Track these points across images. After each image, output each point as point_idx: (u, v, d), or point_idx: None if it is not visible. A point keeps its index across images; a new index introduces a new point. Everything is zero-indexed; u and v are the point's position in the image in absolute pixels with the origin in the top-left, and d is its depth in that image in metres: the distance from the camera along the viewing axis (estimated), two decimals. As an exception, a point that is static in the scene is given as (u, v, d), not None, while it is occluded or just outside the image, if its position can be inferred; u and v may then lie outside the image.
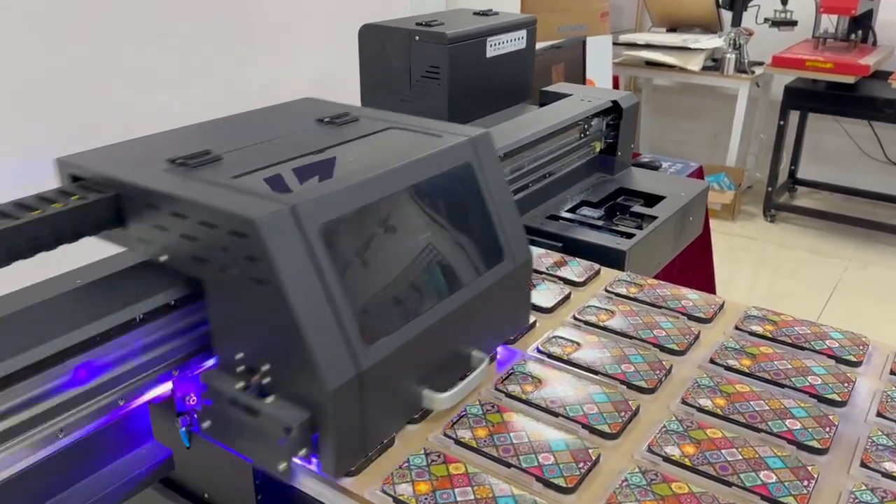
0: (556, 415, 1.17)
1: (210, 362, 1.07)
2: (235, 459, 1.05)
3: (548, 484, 1.01)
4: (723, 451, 1.06)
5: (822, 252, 4.70)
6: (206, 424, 1.04)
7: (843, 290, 4.23)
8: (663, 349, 1.33)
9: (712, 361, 1.31)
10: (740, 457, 1.05)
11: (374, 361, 0.98)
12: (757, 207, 5.22)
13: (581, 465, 1.04)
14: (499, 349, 1.30)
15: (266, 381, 0.98)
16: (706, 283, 2.73)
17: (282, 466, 0.97)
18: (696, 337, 1.34)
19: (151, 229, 1.03)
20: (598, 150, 2.09)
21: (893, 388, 1.21)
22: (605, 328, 1.42)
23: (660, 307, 1.49)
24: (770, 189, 5.02)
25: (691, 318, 1.41)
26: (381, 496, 1.01)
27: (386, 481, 1.02)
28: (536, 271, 1.64)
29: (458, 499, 0.99)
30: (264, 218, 0.90)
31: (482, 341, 1.21)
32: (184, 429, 1.06)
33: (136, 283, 1.04)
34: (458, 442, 1.10)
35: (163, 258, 1.04)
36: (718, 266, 2.88)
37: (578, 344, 1.36)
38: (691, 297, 1.52)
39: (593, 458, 1.05)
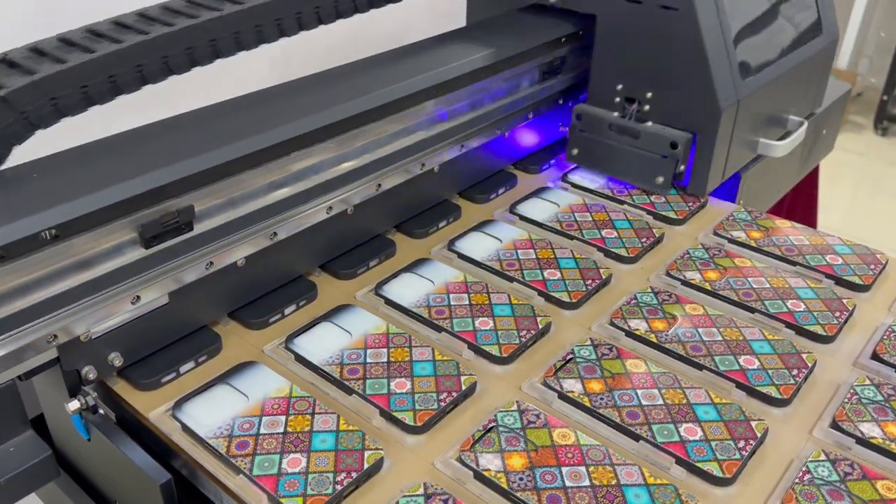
0: (636, 439, 0.77)
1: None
2: (139, 472, 0.76)
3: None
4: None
5: (939, 175, 4.08)
6: (574, 151, 1.26)
7: (961, 220, 3.63)
8: (801, 331, 0.92)
9: (876, 358, 0.87)
10: None
11: (747, 93, 1.14)
12: (867, 118, 4.60)
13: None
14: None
15: (645, 108, 1.18)
16: (807, 208, 2.22)
17: (661, 180, 1.17)
18: (850, 314, 0.95)
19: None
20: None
21: None
22: (713, 293, 0.97)
23: (795, 264, 1.04)
24: (885, 97, 4.35)
25: (841, 282, 1.00)
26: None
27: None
28: (616, 200, 1.19)
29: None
30: None
31: (796, 107, 1.36)
32: (79, 415, 0.78)
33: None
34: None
35: None
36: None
37: (673, 317, 0.93)
38: (840, 250, 1.06)
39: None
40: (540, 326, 0.91)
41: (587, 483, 0.71)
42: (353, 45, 1.26)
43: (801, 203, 2.03)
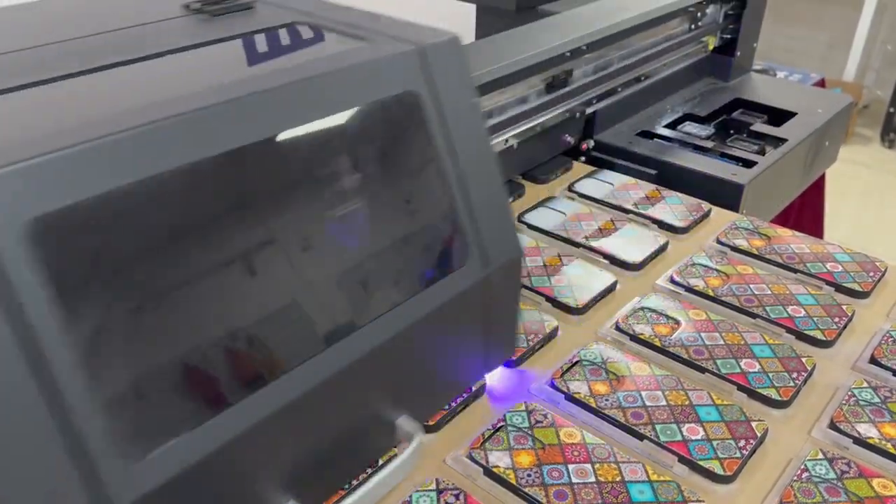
0: (640, 438, 0.80)
1: None
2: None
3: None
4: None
5: (947, 187, 4.09)
6: None
7: (970, 235, 3.64)
8: (801, 336, 0.94)
9: (874, 362, 0.90)
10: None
11: (147, 490, 0.51)
12: (873, 130, 4.61)
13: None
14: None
15: None
16: (814, 220, 2.25)
17: None
18: (849, 320, 0.96)
19: None
20: (710, 47, 1.70)
21: None
22: (716, 299, 1.00)
23: (796, 271, 1.06)
24: (892, 110, 4.37)
25: (841, 289, 1.02)
26: None
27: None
28: (621, 209, 1.22)
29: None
30: None
31: (416, 398, 0.77)
32: None
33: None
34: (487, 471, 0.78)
35: None
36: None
37: (677, 322, 0.95)
38: (840, 258, 1.09)
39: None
40: (547, 331, 0.94)
41: (593, 479, 0.74)
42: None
43: (807, 215, 2.06)
